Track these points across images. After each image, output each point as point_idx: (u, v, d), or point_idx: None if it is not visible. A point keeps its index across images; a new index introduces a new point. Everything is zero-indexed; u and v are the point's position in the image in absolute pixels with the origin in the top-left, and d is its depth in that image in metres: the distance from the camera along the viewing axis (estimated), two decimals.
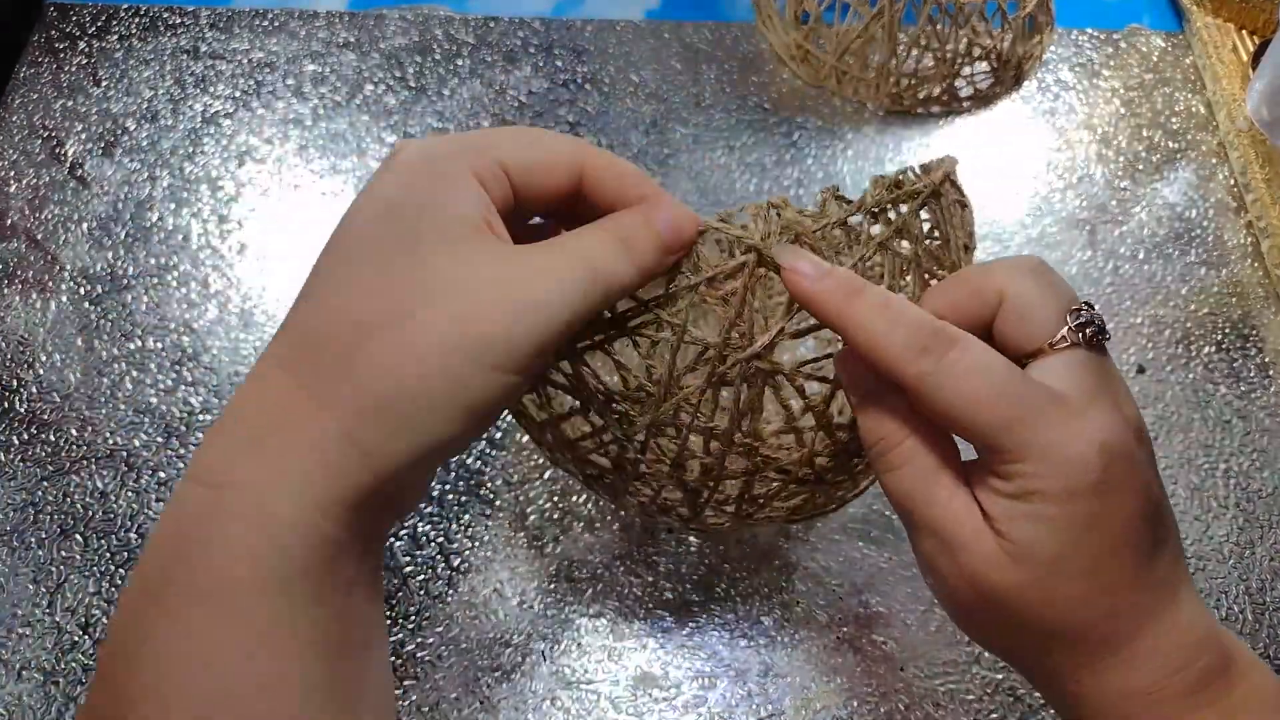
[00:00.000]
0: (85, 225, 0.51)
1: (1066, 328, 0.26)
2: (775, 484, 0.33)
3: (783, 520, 0.36)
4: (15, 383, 0.47)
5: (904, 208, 0.29)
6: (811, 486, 0.33)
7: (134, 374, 0.47)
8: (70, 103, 0.55)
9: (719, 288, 0.28)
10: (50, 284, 0.49)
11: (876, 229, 0.29)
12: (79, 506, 0.43)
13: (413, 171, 0.26)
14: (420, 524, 0.43)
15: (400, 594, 0.42)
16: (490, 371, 0.24)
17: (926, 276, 0.30)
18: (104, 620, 0.41)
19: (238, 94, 0.56)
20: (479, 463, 0.45)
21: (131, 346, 0.48)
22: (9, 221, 0.51)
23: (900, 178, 0.29)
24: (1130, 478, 0.25)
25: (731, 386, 0.29)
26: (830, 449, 0.32)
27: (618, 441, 0.32)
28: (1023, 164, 0.56)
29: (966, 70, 0.57)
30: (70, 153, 0.54)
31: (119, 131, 0.54)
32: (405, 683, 0.40)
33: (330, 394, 0.23)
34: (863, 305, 0.26)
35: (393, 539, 0.43)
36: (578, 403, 0.32)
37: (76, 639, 0.40)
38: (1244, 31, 0.60)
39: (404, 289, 0.24)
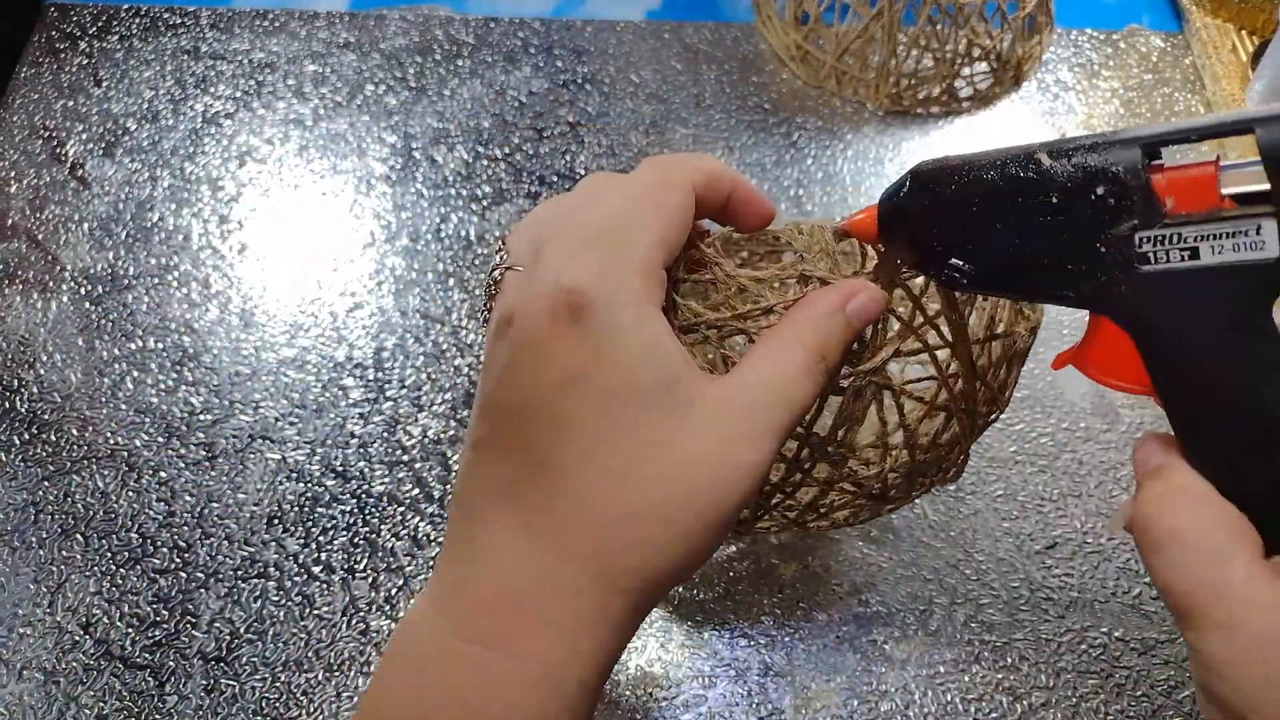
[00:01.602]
0: (86, 225, 0.51)
1: None
2: (847, 495, 0.33)
3: (826, 530, 0.36)
4: (16, 383, 0.47)
5: None
6: (874, 501, 0.34)
7: (135, 374, 0.47)
8: (71, 103, 0.55)
9: None
10: (51, 284, 0.50)
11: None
12: (80, 506, 0.43)
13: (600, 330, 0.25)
14: (421, 524, 0.43)
15: (401, 594, 0.42)
16: (716, 530, 0.26)
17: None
18: (104, 620, 0.41)
19: (238, 94, 0.56)
20: None
21: (132, 346, 0.48)
22: (10, 221, 0.51)
23: None
24: None
25: (842, 395, 0.29)
26: (906, 466, 0.32)
27: None
28: None
29: (966, 71, 0.57)
30: (71, 153, 0.54)
31: (120, 132, 0.55)
32: None
33: (606, 572, 0.25)
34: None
35: (394, 540, 0.43)
36: None
37: (77, 639, 0.40)
38: (1243, 32, 0.60)
39: (642, 475, 0.25)
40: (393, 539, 0.43)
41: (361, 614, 0.41)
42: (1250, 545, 0.23)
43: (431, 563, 0.42)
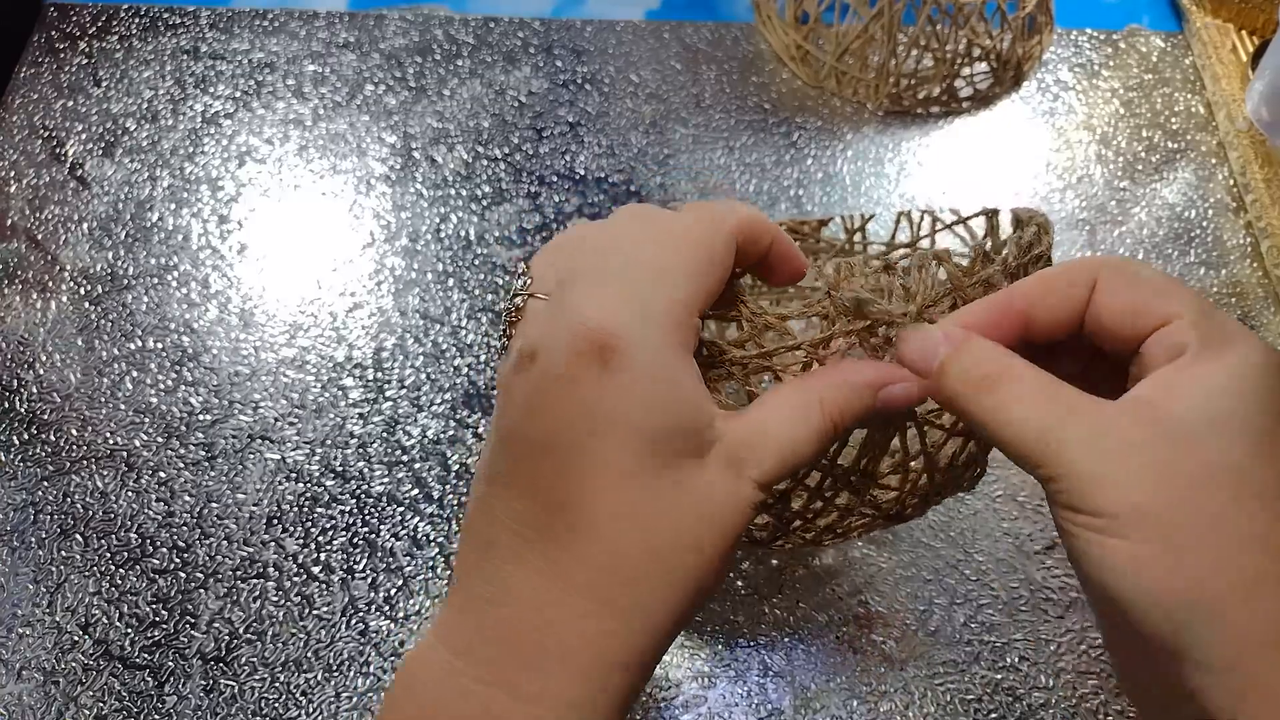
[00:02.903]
0: (85, 225, 0.51)
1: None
2: (865, 518, 0.33)
3: (839, 543, 0.36)
4: (15, 383, 0.47)
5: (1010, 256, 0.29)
6: (891, 520, 0.34)
7: (134, 374, 0.47)
8: (70, 103, 0.55)
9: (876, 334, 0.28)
10: (51, 284, 0.50)
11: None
12: (79, 506, 0.43)
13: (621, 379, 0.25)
14: (421, 524, 0.43)
15: (401, 594, 0.42)
16: (728, 558, 0.26)
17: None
18: (104, 620, 0.41)
19: (238, 94, 0.56)
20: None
21: (132, 346, 0.48)
22: (9, 222, 0.51)
23: (1030, 241, 0.29)
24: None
25: (868, 429, 0.29)
26: (925, 488, 0.32)
27: None
28: (1022, 164, 0.56)
29: (966, 71, 0.57)
30: (71, 153, 0.54)
31: (119, 132, 0.55)
32: None
33: (630, 612, 0.25)
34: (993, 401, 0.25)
35: (393, 540, 0.43)
36: None
37: (76, 639, 0.40)
38: (1243, 32, 0.60)
39: (666, 516, 0.25)
40: (392, 539, 0.43)
41: (361, 614, 0.41)
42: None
43: (431, 563, 0.42)
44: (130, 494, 0.44)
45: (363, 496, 0.44)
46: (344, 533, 0.43)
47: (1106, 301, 0.25)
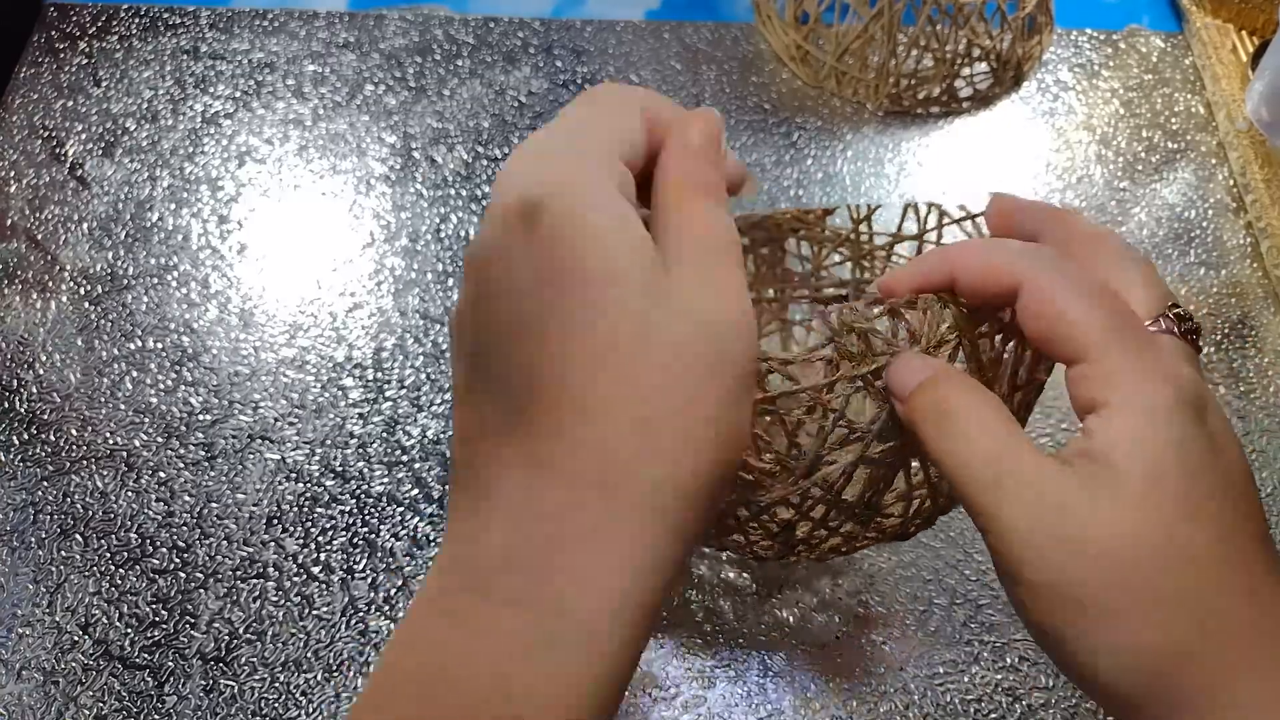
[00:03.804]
0: (85, 225, 0.51)
1: (1164, 316, 0.25)
2: (869, 540, 0.33)
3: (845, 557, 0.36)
4: (15, 383, 0.47)
5: None
6: (897, 539, 0.34)
7: (134, 374, 0.47)
8: (70, 103, 0.55)
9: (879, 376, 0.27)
10: (50, 284, 0.50)
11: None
12: (79, 506, 0.43)
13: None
14: (421, 524, 0.43)
15: (401, 595, 0.42)
16: (739, 400, 0.23)
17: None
18: (104, 620, 0.41)
19: (238, 94, 0.56)
20: None
21: (131, 346, 0.48)
22: (9, 222, 0.51)
23: None
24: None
25: (873, 467, 0.29)
26: (928, 512, 0.32)
27: (735, 503, 0.31)
28: (1022, 164, 0.56)
29: (966, 71, 0.57)
30: (70, 153, 0.54)
31: (119, 132, 0.55)
32: None
33: (633, 493, 0.21)
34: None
35: (393, 540, 0.43)
36: None
37: (76, 639, 0.40)
38: (1243, 32, 0.60)
39: (645, 361, 0.21)
40: (392, 539, 0.43)
41: (360, 614, 0.41)
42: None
43: (431, 563, 0.42)
44: (130, 494, 0.44)
45: (363, 496, 0.44)
46: (344, 533, 0.43)
47: (1025, 317, 0.25)
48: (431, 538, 0.43)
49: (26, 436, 0.45)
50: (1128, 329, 0.23)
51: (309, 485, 0.44)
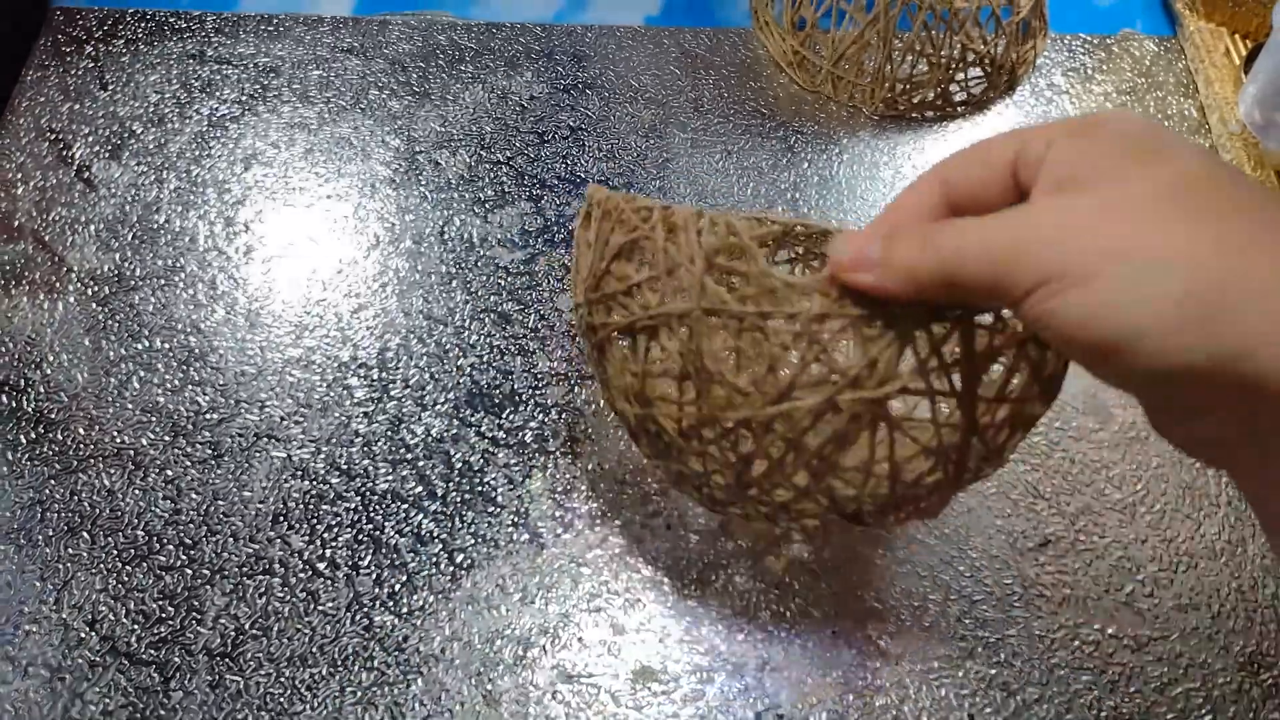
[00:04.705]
0: (92, 227, 0.52)
1: None
2: (820, 507, 0.34)
3: (793, 526, 0.36)
4: (23, 382, 0.47)
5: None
6: (847, 519, 0.34)
7: (141, 374, 0.48)
8: (77, 106, 0.56)
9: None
10: (58, 285, 0.50)
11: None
12: (86, 504, 0.44)
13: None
14: (425, 521, 0.44)
15: (405, 590, 0.42)
16: None
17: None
18: (110, 617, 0.41)
19: (243, 98, 0.57)
20: (481, 461, 0.45)
21: (139, 347, 0.48)
22: (17, 223, 0.52)
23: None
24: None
25: (839, 414, 0.30)
26: (884, 499, 0.32)
27: (697, 419, 0.32)
28: None
29: (960, 75, 0.57)
30: (77, 155, 0.54)
31: (126, 135, 0.55)
32: (409, 676, 0.40)
33: None
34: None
35: (397, 536, 0.43)
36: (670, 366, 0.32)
37: (83, 635, 0.41)
38: (1236, 36, 0.60)
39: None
40: (396, 536, 0.44)
41: (365, 610, 0.42)
42: None
43: (434, 559, 0.43)
44: (137, 492, 0.44)
45: (367, 494, 0.44)
46: (349, 529, 0.44)
47: (1027, 162, 0.25)
48: (435, 534, 0.44)
49: (34, 435, 0.46)
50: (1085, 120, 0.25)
51: (314, 483, 0.45)
